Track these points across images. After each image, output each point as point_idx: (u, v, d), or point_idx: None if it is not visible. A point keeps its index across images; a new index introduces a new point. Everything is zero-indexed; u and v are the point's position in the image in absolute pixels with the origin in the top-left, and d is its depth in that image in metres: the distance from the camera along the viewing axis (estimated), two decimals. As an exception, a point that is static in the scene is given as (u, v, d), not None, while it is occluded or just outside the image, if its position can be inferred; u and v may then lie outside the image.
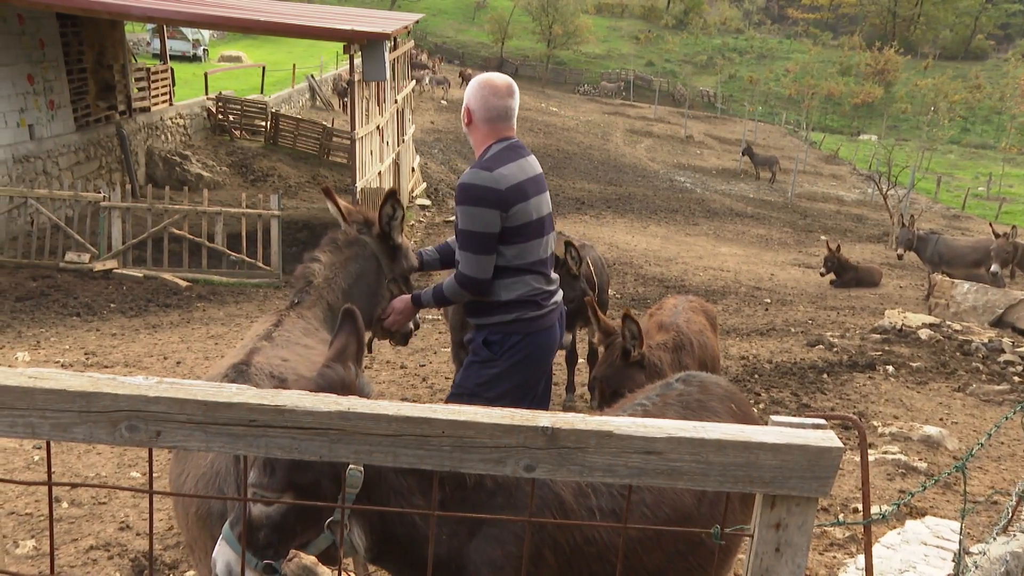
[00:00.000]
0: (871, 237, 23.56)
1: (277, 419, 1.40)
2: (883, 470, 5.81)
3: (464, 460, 1.44)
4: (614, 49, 71.01)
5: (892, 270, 17.96)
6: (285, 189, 19.54)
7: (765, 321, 11.59)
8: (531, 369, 3.90)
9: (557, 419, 1.46)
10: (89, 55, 16.98)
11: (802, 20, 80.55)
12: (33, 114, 14.65)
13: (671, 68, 67.99)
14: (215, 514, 2.56)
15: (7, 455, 5.53)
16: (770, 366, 8.61)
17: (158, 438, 1.43)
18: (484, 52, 65.28)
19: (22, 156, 14.14)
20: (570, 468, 1.45)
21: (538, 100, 47.58)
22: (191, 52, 40.19)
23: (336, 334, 2.35)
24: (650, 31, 75.46)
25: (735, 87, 65.04)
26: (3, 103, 13.79)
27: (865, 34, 73.20)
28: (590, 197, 24.64)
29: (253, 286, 12.56)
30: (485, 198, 3.60)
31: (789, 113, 57.36)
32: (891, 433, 6.57)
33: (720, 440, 1.44)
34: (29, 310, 10.50)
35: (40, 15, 14.90)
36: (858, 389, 7.81)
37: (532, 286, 3.82)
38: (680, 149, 39.39)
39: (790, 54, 71.25)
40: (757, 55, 71.73)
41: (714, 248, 19.31)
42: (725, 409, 3.04)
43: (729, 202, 27.54)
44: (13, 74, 14.10)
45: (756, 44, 74.25)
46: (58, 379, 1.45)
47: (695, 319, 4.85)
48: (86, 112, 16.58)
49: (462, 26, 71.73)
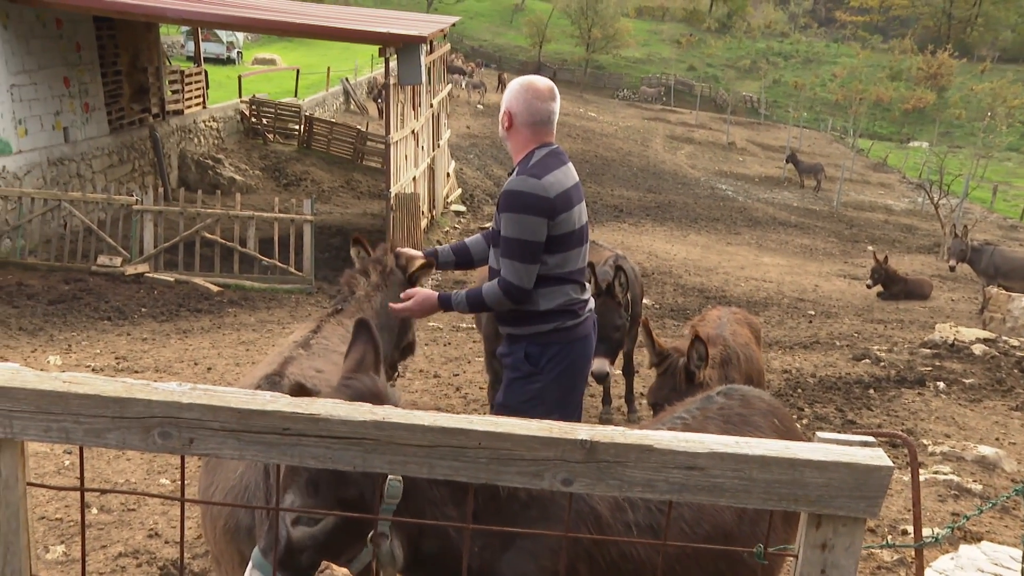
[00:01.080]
0: (921, 248, 23.24)
1: (311, 428, 1.41)
2: (934, 491, 5.72)
3: (501, 473, 1.44)
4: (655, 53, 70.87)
5: (943, 282, 17.69)
6: (318, 194, 19.72)
7: (809, 334, 11.47)
8: (574, 379, 3.88)
9: (596, 432, 1.45)
10: (124, 58, 17.29)
11: (850, 23, 79.80)
12: (68, 117, 14.94)
13: (713, 73, 67.74)
14: (243, 528, 2.59)
15: (38, 459, 5.62)
16: (814, 380, 8.51)
17: (191, 445, 1.44)
18: (521, 56, 65.50)
19: (56, 159, 14.42)
20: (609, 483, 1.45)
21: (576, 105, 47.58)
22: (225, 55, 40.79)
23: (351, 345, 2.35)
24: (692, 35, 75.25)
25: (779, 92, 64.62)
26: (39, 106, 14.08)
27: (917, 37, 72.40)
28: (629, 205, 24.56)
29: (285, 292, 12.68)
30: (534, 206, 3.57)
31: (835, 119, 56.84)
32: (943, 452, 6.46)
33: (764, 456, 1.43)
34: (61, 313, 10.68)
35: (78, 18, 15.21)
36: (907, 406, 7.70)
37: (570, 295, 3.79)
38: (722, 156, 39.15)
39: (837, 58, 70.65)
40: (803, 59, 71.24)
41: (756, 258, 19.16)
42: (768, 424, 3.01)
43: (772, 211, 27.32)
44: (50, 77, 14.40)
45: (802, 48, 73.76)
46: (92, 384, 1.47)
47: (740, 331, 4.81)
48: (120, 115, 16.88)
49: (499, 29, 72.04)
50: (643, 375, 8.50)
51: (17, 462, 1.51)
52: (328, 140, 23.89)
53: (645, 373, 8.44)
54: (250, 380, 3.01)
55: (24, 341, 9.35)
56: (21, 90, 13.60)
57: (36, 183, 13.59)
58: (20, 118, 13.55)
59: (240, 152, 21.96)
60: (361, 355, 2.31)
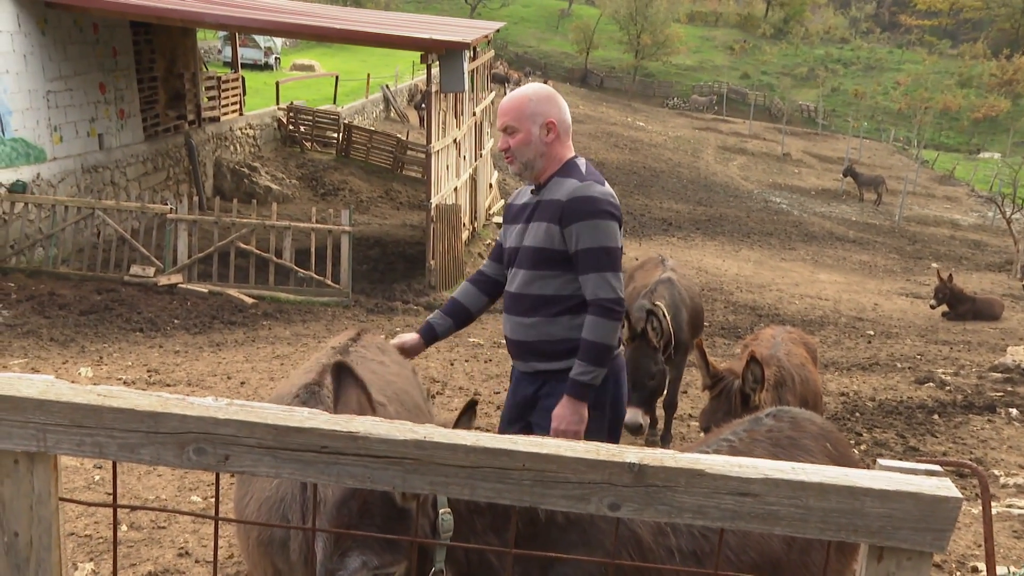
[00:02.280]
0: (991, 265, 22.84)
1: (350, 446, 1.42)
2: (1008, 526, 5.59)
3: (545, 496, 1.44)
4: (707, 60, 70.65)
5: (1016, 302, 17.36)
6: (356, 204, 19.90)
7: (868, 355, 11.32)
8: (618, 409, 3.75)
9: (645, 455, 1.45)
10: (160, 63, 17.63)
11: (916, 27, 78.61)
12: (103, 123, 15.26)
13: (768, 81, 67.33)
14: (276, 542, 2.61)
15: (67, 474, 5.72)
16: (873, 404, 8.39)
17: (226, 462, 1.46)
18: (567, 62, 65.63)
19: (91, 166, 14.73)
20: (658, 508, 1.44)
21: (624, 114, 47.55)
22: (263, 60, 41.37)
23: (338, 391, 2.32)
24: (746, 41, 74.91)
25: (838, 101, 64.02)
26: (75, 112, 14.40)
27: (991, 41, 71.26)
28: (678, 218, 24.47)
29: (321, 304, 12.79)
30: (612, 212, 3.49)
31: (898, 129, 56.14)
32: (1016, 484, 6.32)
33: (822, 484, 1.41)
34: (93, 324, 10.88)
35: (115, 23, 15.55)
36: (975, 433, 7.55)
37: None
38: (776, 168, 38.86)
39: (901, 64, 69.85)
40: (864, 66, 70.53)
41: (812, 275, 18.97)
42: (820, 448, 2.97)
43: (829, 225, 27.05)
44: (86, 83, 14.73)
45: (863, 54, 73.04)
46: (127, 398, 1.49)
47: (795, 352, 4.76)
48: (155, 121, 17.19)
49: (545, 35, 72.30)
50: (692, 396, 8.45)
51: (50, 476, 1.53)
52: (367, 149, 24.11)
53: (695, 394, 8.39)
54: (288, 389, 3.04)
55: (55, 352, 9.53)
56: (57, 96, 13.93)
57: (70, 191, 13.88)
58: (55, 125, 13.87)
59: (277, 160, 22.25)
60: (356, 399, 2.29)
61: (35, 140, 13.42)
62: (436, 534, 2.04)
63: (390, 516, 1.92)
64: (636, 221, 22.94)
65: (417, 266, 15.14)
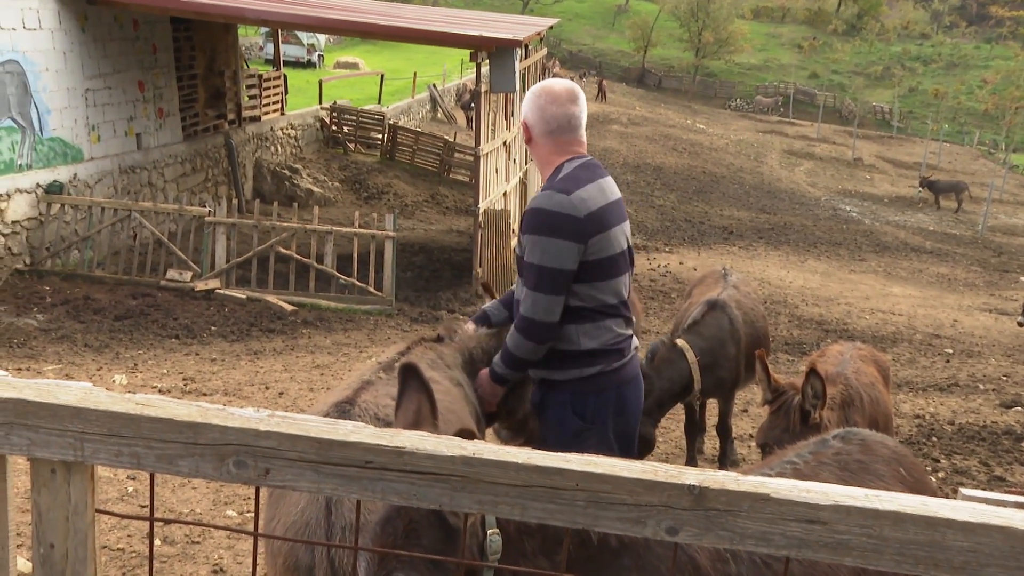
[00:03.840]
0: (1083, 281, 22.31)
1: (395, 462, 1.43)
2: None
3: (599, 518, 1.44)
4: (772, 59, 70.11)
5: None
6: (401, 208, 20.04)
7: (946, 375, 11.13)
8: (629, 431, 3.71)
9: (706, 477, 1.44)
10: (200, 61, 17.91)
11: (1008, 19, 76.44)
12: (141, 122, 15.54)
13: (839, 80, 66.60)
14: (302, 567, 2.64)
15: (101, 485, 5.82)
16: (952, 428, 8.24)
17: (267, 476, 1.47)
18: (624, 61, 65.57)
19: (128, 167, 15.00)
20: (719, 533, 1.43)
21: (683, 115, 47.34)
22: (306, 58, 41.93)
23: (401, 395, 2.30)
24: (815, 38, 74.18)
25: (916, 102, 63.09)
26: (113, 111, 14.68)
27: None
28: (739, 226, 24.29)
29: (363, 313, 12.88)
30: (561, 227, 3.38)
31: (984, 132, 55.16)
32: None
33: (898, 513, 1.39)
34: (128, 330, 11.07)
35: (155, 19, 15.85)
36: (1064, 462, 7.38)
37: (615, 331, 3.59)
38: (846, 173, 38.42)
39: (989, 61, 68.57)
40: (946, 63, 69.43)
41: (884, 288, 18.69)
42: (892, 474, 2.92)
43: (904, 235, 26.65)
44: (125, 81, 15.02)
45: (946, 51, 71.90)
46: (165, 407, 1.52)
47: (865, 370, 4.70)
48: (194, 121, 17.46)
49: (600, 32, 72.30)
50: (752, 415, 8.37)
51: (87, 487, 1.56)
52: (413, 151, 24.27)
53: (755, 412, 8.31)
54: (321, 407, 3.07)
55: (90, 358, 9.72)
56: (96, 94, 14.22)
57: (107, 192, 14.13)
58: (93, 124, 14.16)
59: (319, 162, 22.49)
60: (416, 405, 2.27)
61: (73, 140, 13.70)
62: (484, 556, 2.04)
63: (437, 536, 1.92)
64: (695, 229, 22.81)
65: (464, 274, 15.18)
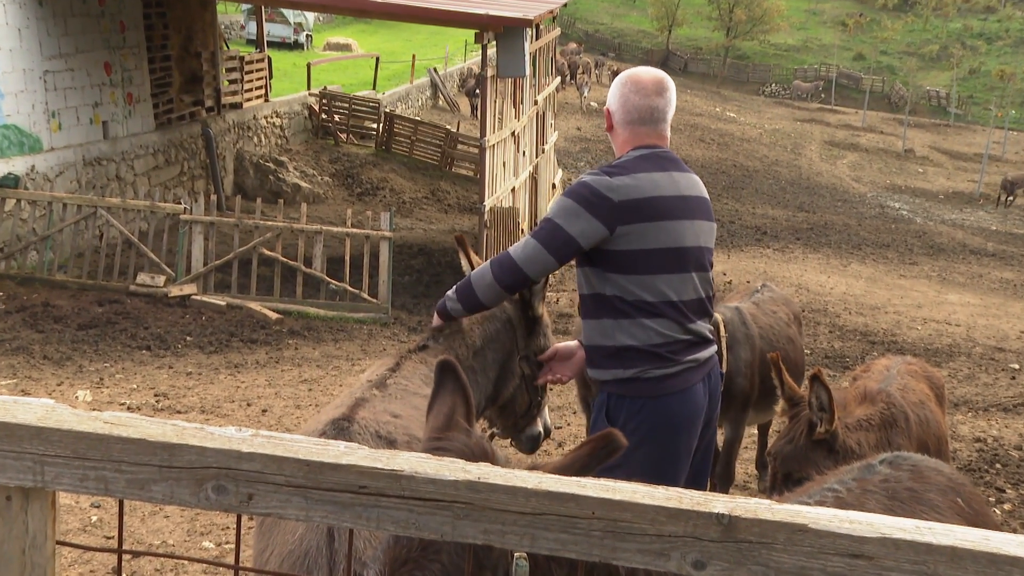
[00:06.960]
0: None
1: (392, 487, 1.43)
2: None
3: (617, 549, 1.43)
4: (812, 39, 70.03)
5: None
6: (398, 206, 20.05)
7: (1011, 393, 11.09)
8: (661, 448, 3.65)
9: (736, 505, 1.44)
10: (175, 40, 17.92)
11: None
12: (108, 109, 15.53)
13: (888, 62, 66.46)
14: None
15: (61, 514, 5.83)
16: (1019, 454, 8.21)
17: (249, 502, 1.47)
18: (646, 42, 65.61)
19: (93, 158, 14.98)
20: (751, 568, 1.43)
21: (712, 103, 47.29)
22: (292, 38, 42.05)
23: (435, 394, 2.28)
24: (862, 15, 74.13)
25: (977, 85, 62.93)
26: (76, 96, 14.64)
27: None
28: (774, 226, 24.26)
29: (356, 321, 12.88)
30: (590, 201, 3.57)
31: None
32: None
33: (955, 548, 1.38)
34: (92, 340, 11.08)
35: (123, -6, 15.87)
36: None
37: (661, 332, 3.58)
38: (896, 166, 38.36)
39: (1065, 38, 68.26)
40: (1014, 40, 69.09)
41: (938, 295, 18.64)
42: (948, 505, 2.91)
43: (961, 235, 26.59)
44: (89, 62, 14.98)
45: (1014, 26, 71.50)
46: (137, 426, 1.50)
47: (914, 387, 4.68)
48: (168, 108, 17.48)
49: (619, 10, 72.35)
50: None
51: (47, 516, 1.55)
52: (411, 142, 24.30)
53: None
54: (315, 425, 3.09)
55: (49, 372, 9.73)
56: (56, 77, 14.17)
57: (69, 186, 14.11)
58: (54, 110, 14.14)
59: (307, 154, 22.52)
60: (450, 408, 2.25)
61: (30, 127, 13.65)
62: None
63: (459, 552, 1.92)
64: (724, 229, 22.78)
65: (467, 279, 15.18)
